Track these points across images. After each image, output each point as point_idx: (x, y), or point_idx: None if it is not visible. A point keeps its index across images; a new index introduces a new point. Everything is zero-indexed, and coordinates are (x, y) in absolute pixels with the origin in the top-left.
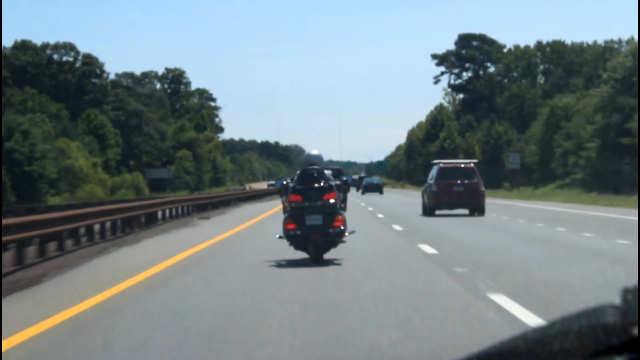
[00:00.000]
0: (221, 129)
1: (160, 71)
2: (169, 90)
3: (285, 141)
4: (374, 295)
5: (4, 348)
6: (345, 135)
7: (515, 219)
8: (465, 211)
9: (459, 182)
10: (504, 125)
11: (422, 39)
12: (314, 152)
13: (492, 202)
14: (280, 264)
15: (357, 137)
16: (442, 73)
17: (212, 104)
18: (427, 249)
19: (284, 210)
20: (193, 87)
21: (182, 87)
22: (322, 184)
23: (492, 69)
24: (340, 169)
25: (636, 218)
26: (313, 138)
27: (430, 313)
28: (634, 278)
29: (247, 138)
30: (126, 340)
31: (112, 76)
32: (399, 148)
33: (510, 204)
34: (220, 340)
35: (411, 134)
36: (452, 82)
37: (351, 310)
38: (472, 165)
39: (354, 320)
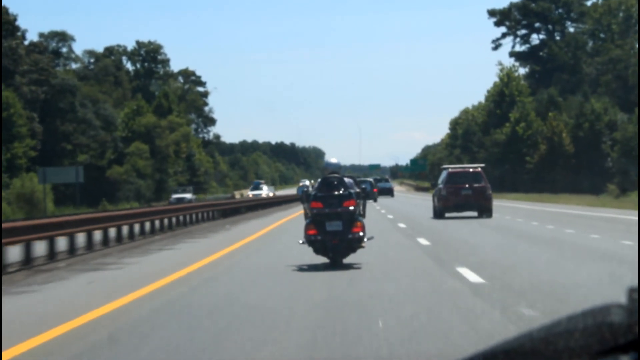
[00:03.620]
0: (212, 121)
1: (130, 46)
2: (141, 71)
3: (304, 145)
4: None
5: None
6: (366, 138)
7: None
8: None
9: (467, 185)
10: (603, 101)
11: None
12: (333, 160)
13: None
14: (301, 268)
15: (379, 141)
16: (504, 35)
17: (200, 89)
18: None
19: (305, 216)
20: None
21: (160, 66)
22: (341, 191)
23: (571, 30)
24: (354, 177)
25: None
26: (333, 142)
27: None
28: None
29: (260, 140)
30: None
31: (32, 36)
32: (426, 148)
33: None
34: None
35: (463, 119)
36: (515, 48)
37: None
38: (479, 169)
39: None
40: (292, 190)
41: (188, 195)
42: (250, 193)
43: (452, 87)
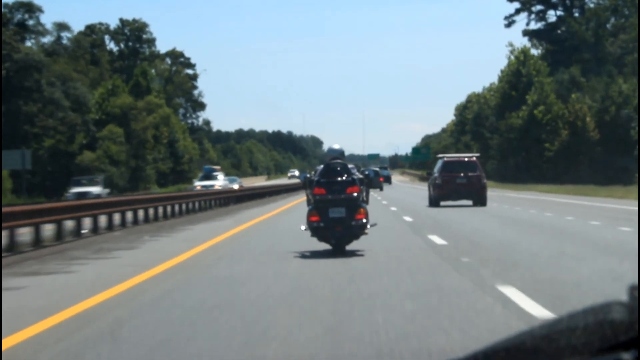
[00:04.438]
0: (201, 106)
1: (113, 24)
2: (126, 51)
3: (302, 134)
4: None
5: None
6: (365, 129)
7: None
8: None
9: (462, 174)
10: (630, 82)
11: None
12: (336, 146)
13: None
14: (304, 255)
15: (378, 131)
16: (518, 11)
17: (190, 71)
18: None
19: (308, 202)
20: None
21: (145, 46)
22: (345, 177)
23: (590, 5)
24: (358, 165)
25: None
26: (332, 132)
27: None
28: None
29: (257, 129)
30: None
31: None
32: (426, 138)
33: None
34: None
35: (472, 103)
36: (530, 26)
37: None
38: (474, 159)
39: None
40: (285, 180)
41: (95, 189)
42: (197, 184)
43: (452, 78)
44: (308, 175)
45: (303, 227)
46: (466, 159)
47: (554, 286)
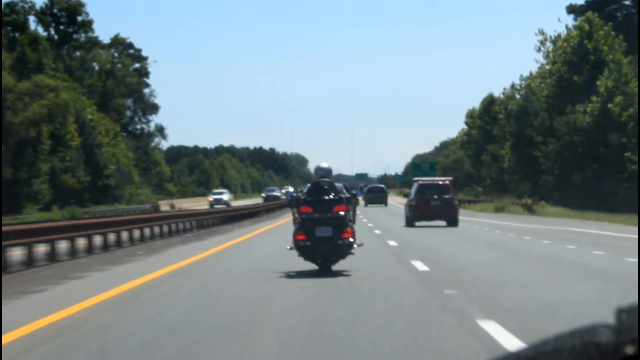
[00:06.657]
0: (153, 108)
1: (40, 2)
2: (55, 37)
3: (286, 151)
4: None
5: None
6: (354, 148)
7: None
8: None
9: (435, 197)
10: None
11: None
12: (324, 164)
13: None
14: (289, 275)
15: (365, 151)
16: None
17: (137, 64)
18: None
19: (294, 221)
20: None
21: (81, 31)
22: (332, 196)
23: None
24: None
25: None
26: (319, 151)
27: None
28: None
29: (238, 145)
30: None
31: None
32: (416, 157)
33: None
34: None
35: (503, 98)
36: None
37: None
38: (447, 182)
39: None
40: (256, 199)
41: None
42: None
43: (441, 99)
44: (295, 194)
45: (289, 247)
46: (440, 182)
47: None
